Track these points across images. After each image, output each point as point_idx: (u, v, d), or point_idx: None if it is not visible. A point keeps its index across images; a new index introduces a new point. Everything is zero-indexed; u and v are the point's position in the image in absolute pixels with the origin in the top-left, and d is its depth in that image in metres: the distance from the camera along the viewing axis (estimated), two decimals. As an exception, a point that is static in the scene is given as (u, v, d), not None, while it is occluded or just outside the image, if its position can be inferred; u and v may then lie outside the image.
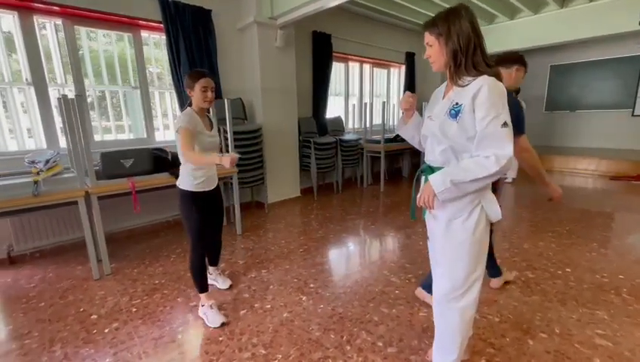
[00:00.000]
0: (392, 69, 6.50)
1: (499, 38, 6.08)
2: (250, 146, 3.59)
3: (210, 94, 1.78)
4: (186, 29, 3.38)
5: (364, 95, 6.00)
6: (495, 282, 2.13)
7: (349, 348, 1.64)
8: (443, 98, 1.19)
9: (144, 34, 3.37)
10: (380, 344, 1.66)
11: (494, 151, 1.02)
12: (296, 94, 4.30)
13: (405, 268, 2.50)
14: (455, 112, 1.09)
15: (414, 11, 5.27)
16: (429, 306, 1.96)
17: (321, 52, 4.76)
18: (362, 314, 1.91)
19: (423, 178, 1.28)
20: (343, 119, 5.69)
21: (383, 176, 4.96)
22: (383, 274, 2.40)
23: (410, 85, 6.51)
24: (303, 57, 4.64)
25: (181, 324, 1.85)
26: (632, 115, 6.61)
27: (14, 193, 2.10)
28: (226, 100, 3.14)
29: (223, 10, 3.70)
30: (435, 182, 1.10)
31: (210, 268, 2.23)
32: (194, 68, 3.46)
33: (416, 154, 6.06)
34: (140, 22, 3.25)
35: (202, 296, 1.91)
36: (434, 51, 1.13)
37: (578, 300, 2.00)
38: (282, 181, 4.32)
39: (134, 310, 2.00)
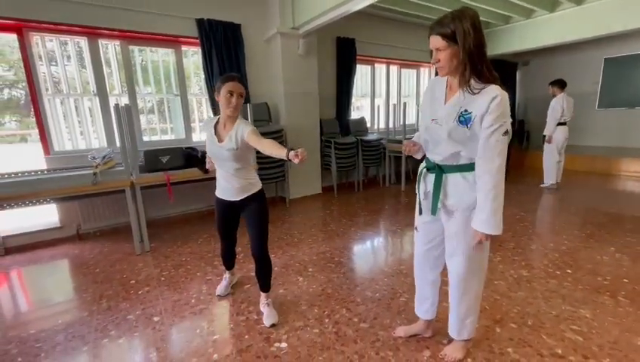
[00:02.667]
0: (421, 69, 6.49)
1: (538, 32, 5.78)
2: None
3: (234, 100, 1.63)
4: (218, 43, 3.84)
5: (391, 96, 6.09)
6: None
7: (327, 320, 1.88)
8: (445, 102, 1.23)
9: (184, 48, 3.90)
10: (356, 320, 1.88)
11: (493, 162, 1.15)
12: (317, 97, 4.58)
13: (401, 260, 2.65)
14: (465, 120, 1.15)
15: (441, 11, 5.26)
16: (410, 292, 2.12)
17: (345, 56, 4.99)
18: (347, 296, 2.13)
19: (430, 175, 1.36)
20: (369, 120, 5.87)
21: (404, 176, 5.04)
22: (377, 264, 2.59)
23: (440, 85, 6.43)
24: (327, 62, 4.91)
25: (195, 292, 2.24)
26: None
27: (79, 182, 2.68)
28: (248, 105, 3.53)
29: (252, 23, 4.12)
30: (490, 228, 1.19)
31: (227, 274, 2.24)
32: (225, 76, 3.91)
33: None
34: (181, 39, 3.78)
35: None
36: (444, 56, 1.13)
37: (565, 299, 2.02)
38: (304, 178, 4.63)
39: (162, 279, 2.44)
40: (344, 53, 4.99)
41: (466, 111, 1.14)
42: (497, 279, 2.28)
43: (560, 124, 4.79)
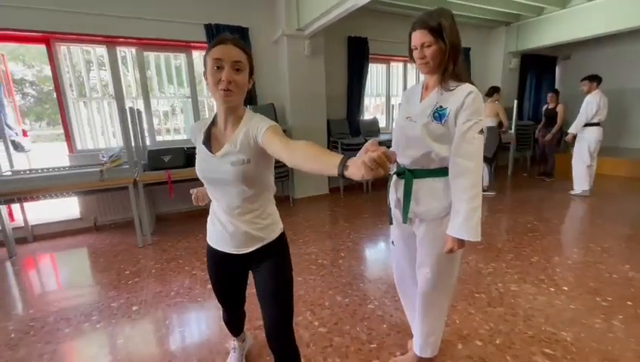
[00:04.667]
0: (442, 67, 6.20)
1: (576, 23, 5.25)
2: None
3: (226, 74, 0.91)
4: (226, 47, 3.98)
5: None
6: None
7: (288, 322, 1.90)
8: (421, 100, 1.22)
9: (194, 53, 4.10)
10: (316, 323, 1.87)
11: (469, 161, 1.10)
12: (324, 98, 4.57)
13: (385, 265, 2.59)
14: (439, 115, 1.14)
15: (460, 5, 4.99)
16: (382, 299, 2.07)
17: (356, 56, 4.93)
18: (317, 299, 2.13)
19: (400, 181, 1.28)
20: (385, 120, 5.75)
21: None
22: (358, 269, 2.54)
23: (463, 82, 6.10)
24: (337, 62, 4.89)
25: (177, 286, 2.37)
26: None
27: (89, 178, 2.94)
28: (247, 107, 3.63)
29: (259, 26, 4.22)
30: (465, 233, 1.11)
31: (236, 342, 1.57)
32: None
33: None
34: (191, 44, 3.98)
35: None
36: (432, 52, 1.12)
37: (549, 319, 1.84)
38: (310, 179, 4.66)
39: (153, 271, 2.61)
40: (355, 53, 4.92)
41: (441, 107, 1.14)
42: (480, 291, 2.14)
43: (592, 124, 4.32)
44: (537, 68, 6.91)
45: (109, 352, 1.72)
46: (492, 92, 4.44)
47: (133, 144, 3.02)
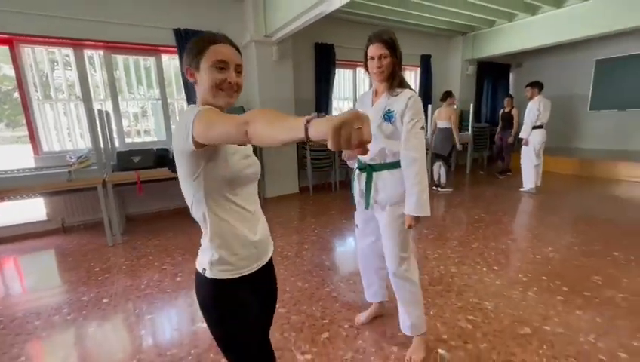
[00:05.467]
0: (406, 72, 6.59)
1: (521, 35, 5.80)
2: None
3: (233, 76, 0.87)
4: (196, 51, 4.11)
5: (374, 99, 6.24)
6: None
7: (251, 305, 2.09)
8: (372, 104, 1.47)
9: (164, 57, 4.19)
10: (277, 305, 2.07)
11: (416, 152, 1.37)
12: (293, 101, 4.79)
13: (344, 254, 2.83)
14: (389, 117, 1.40)
15: (418, 16, 5.38)
16: (338, 282, 2.30)
17: (323, 61, 5.19)
18: (279, 285, 2.33)
19: (362, 174, 1.53)
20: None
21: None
22: (320, 258, 2.77)
23: (427, 86, 6.53)
24: (305, 67, 5.13)
25: (147, 279, 2.49)
26: (694, 114, 5.69)
27: (57, 179, 2.98)
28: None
29: (228, 31, 4.25)
30: (419, 210, 1.38)
31: None
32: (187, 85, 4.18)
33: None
34: (160, 47, 4.08)
35: None
36: (388, 63, 1.37)
37: (478, 292, 2.15)
38: (280, 179, 4.85)
39: (123, 268, 2.71)
40: (322, 58, 5.18)
41: (389, 110, 1.39)
42: (424, 274, 2.42)
43: (536, 127, 4.79)
44: (493, 74, 7.49)
45: (80, 340, 1.83)
46: (446, 96, 4.81)
47: (102, 145, 3.10)
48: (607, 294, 2.07)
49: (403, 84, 1.42)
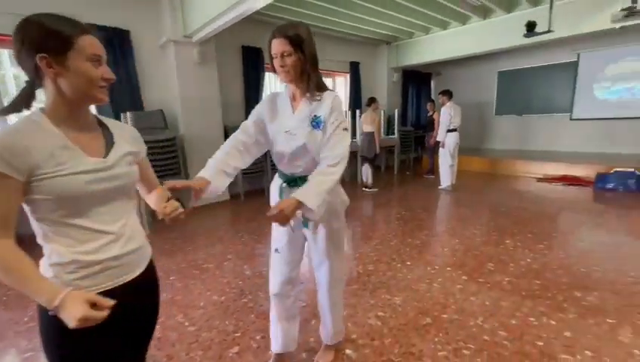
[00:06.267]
0: (337, 78, 6.81)
1: (437, 46, 6.38)
2: (164, 154, 3.91)
3: (108, 69, 0.81)
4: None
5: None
6: None
7: (157, 327, 1.92)
8: (294, 112, 1.25)
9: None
10: (187, 324, 1.94)
11: (338, 152, 1.19)
12: (219, 105, 4.61)
13: (265, 259, 2.78)
14: (317, 123, 1.21)
15: (346, 25, 5.60)
16: (257, 291, 2.24)
17: (251, 64, 5.10)
18: (193, 301, 2.19)
19: (291, 189, 1.28)
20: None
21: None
22: (241, 268, 2.68)
23: (356, 93, 6.81)
24: (233, 70, 4.98)
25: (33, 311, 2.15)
26: (570, 119, 6.84)
27: None
28: (128, 114, 3.46)
29: (142, 29, 4.04)
30: (308, 199, 1.09)
31: None
32: (111, 84, 3.78)
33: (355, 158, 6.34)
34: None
35: None
36: (293, 61, 1.15)
37: (388, 286, 2.27)
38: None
39: None
40: (250, 62, 5.09)
41: (316, 116, 1.21)
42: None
43: (450, 130, 5.28)
44: (416, 82, 8.12)
45: None
46: (370, 102, 5.08)
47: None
48: (497, 279, 2.34)
49: (321, 87, 1.24)
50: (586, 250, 2.81)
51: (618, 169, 4.74)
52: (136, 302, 0.88)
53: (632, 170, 4.63)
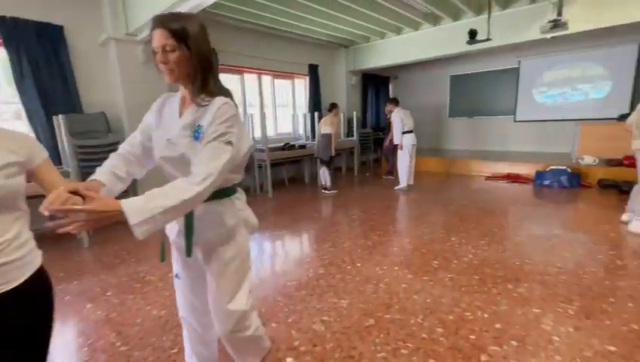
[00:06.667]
0: (296, 80, 6.79)
1: (392, 51, 6.58)
2: (102, 160, 3.64)
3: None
4: (31, 46, 3.39)
5: (267, 105, 6.24)
6: None
7: (85, 349, 1.77)
8: (180, 116, 1.08)
9: (-17, 50, 3.35)
10: (119, 344, 1.81)
11: (206, 169, 0.92)
12: (169, 107, 4.40)
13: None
14: (197, 134, 1.01)
15: (301, 27, 5.61)
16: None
17: (204, 65, 4.92)
18: (129, 318, 2.05)
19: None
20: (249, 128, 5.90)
21: (270, 184, 5.17)
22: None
23: (315, 95, 6.84)
24: (184, 70, 4.79)
25: None
26: (514, 121, 7.37)
27: None
28: (60, 117, 3.19)
29: (79, 25, 3.75)
30: (132, 210, 0.82)
31: None
32: (42, 85, 3.47)
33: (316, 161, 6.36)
34: (-25, 38, 3.24)
35: None
36: (177, 58, 0.97)
37: (336, 290, 2.28)
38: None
39: None
40: (203, 63, 4.91)
41: (199, 125, 1.02)
42: (292, 280, 2.45)
43: (406, 132, 5.45)
44: (375, 85, 8.33)
45: None
46: (332, 108, 5.21)
47: None
48: (440, 276, 2.44)
49: (214, 92, 1.03)
50: (521, 243, 3.01)
51: (553, 167, 5.17)
52: (11, 316, 0.82)
53: (564, 167, 5.07)
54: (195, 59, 1.00)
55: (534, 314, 1.93)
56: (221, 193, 1.08)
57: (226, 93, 1.07)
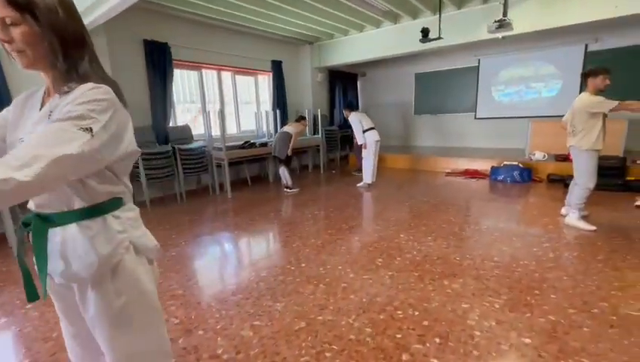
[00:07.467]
0: (259, 77, 6.66)
1: (356, 48, 6.59)
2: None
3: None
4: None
5: (228, 102, 6.08)
6: None
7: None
8: (41, 109, 0.85)
9: None
10: (27, 361, 1.68)
11: (36, 151, 0.65)
12: (115, 104, 4.18)
13: (179, 282, 2.56)
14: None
15: (263, 23, 5.49)
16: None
17: (156, 61, 4.71)
18: (43, 332, 1.91)
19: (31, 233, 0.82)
20: (204, 126, 5.72)
21: (229, 183, 5.04)
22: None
23: (280, 92, 6.73)
24: (134, 67, 4.57)
25: None
26: (475, 118, 7.60)
27: None
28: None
29: None
30: None
31: None
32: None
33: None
34: None
35: None
36: (20, 34, 0.74)
37: (290, 286, 2.23)
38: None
39: None
40: (155, 58, 4.70)
41: (52, 113, 0.79)
42: (231, 284, 2.38)
43: (367, 130, 5.46)
44: (342, 82, 8.32)
45: None
46: (300, 119, 5.32)
47: None
48: (381, 273, 2.45)
49: (87, 77, 0.80)
50: (466, 238, 3.09)
51: (506, 163, 5.37)
52: None
53: (517, 163, 5.27)
54: (52, 36, 0.76)
55: (463, 310, 1.96)
56: (89, 210, 0.82)
57: (111, 83, 0.84)
